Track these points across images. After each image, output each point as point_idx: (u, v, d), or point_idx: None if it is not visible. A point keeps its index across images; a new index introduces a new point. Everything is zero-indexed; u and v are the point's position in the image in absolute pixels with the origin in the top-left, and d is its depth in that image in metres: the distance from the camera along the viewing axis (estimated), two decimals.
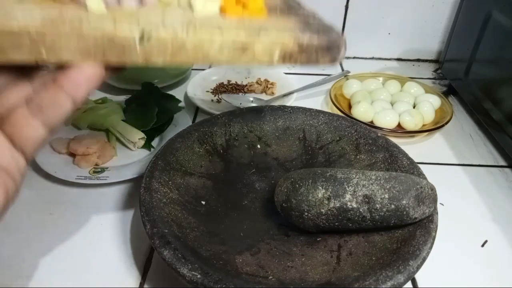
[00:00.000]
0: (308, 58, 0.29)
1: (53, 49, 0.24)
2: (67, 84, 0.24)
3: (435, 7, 0.77)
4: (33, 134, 0.24)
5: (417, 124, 0.58)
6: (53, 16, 0.25)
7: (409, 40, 0.81)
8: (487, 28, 0.59)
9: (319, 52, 0.29)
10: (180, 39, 0.26)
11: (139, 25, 0.25)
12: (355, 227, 0.36)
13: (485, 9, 0.60)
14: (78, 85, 0.24)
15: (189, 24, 0.27)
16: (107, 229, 0.43)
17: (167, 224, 0.34)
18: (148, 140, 0.54)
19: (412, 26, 0.79)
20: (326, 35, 0.29)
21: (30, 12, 0.25)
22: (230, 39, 0.27)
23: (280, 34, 0.28)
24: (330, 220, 0.35)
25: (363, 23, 0.79)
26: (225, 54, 0.28)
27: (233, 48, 0.28)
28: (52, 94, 0.24)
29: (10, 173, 0.24)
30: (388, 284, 0.29)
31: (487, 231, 0.44)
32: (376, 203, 0.34)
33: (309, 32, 0.29)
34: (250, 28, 0.28)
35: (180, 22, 0.27)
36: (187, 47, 0.26)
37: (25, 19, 0.24)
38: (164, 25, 0.26)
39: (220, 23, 0.29)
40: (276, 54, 0.28)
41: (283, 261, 0.35)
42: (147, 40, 0.25)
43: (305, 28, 0.30)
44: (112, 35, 0.25)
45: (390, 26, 0.80)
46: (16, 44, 0.23)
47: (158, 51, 0.26)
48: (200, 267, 0.30)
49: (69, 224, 0.43)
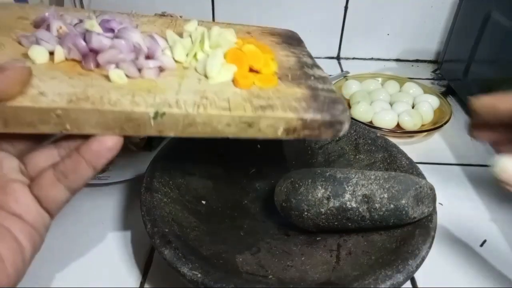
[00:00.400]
0: (311, 132, 0.31)
1: (76, 124, 0.26)
2: (88, 155, 0.27)
3: (434, 7, 0.77)
4: (58, 197, 0.27)
5: (416, 124, 0.58)
6: (77, 91, 0.27)
7: (408, 40, 0.81)
8: (486, 29, 0.60)
9: (322, 127, 0.31)
10: (191, 116, 0.28)
11: (154, 102, 0.28)
12: (354, 227, 0.36)
13: (484, 10, 0.60)
14: (98, 156, 0.27)
15: (202, 98, 0.29)
16: (107, 229, 0.43)
17: (167, 224, 0.34)
18: (149, 140, 0.54)
19: (411, 27, 0.79)
20: (330, 111, 0.31)
21: (57, 86, 0.28)
22: (237, 116, 0.29)
23: (285, 111, 0.30)
24: (329, 220, 0.36)
25: (362, 23, 0.79)
26: (233, 129, 0.29)
27: (240, 124, 0.29)
28: (75, 163, 0.27)
29: (37, 229, 0.27)
30: (388, 283, 0.29)
31: (486, 231, 0.45)
32: (375, 203, 0.34)
33: (313, 109, 0.31)
34: (257, 104, 0.30)
35: (194, 95, 0.30)
36: (197, 123, 0.29)
37: (53, 98, 0.26)
38: (177, 102, 0.28)
39: (231, 95, 0.31)
40: (280, 129, 0.30)
41: (283, 260, 0.35)
42: (160, 117, 0.27)
43: (311, 101, 0.32)
44: (129, 112, 0.27)
45: (389, 26, 0.80)
46: (44, 120, 0.26)
47: (170, 126, 0.28)
48: (200, 267, 0.30)
49: (69, 224, 0.43)
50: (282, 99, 0.31)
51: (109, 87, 0.29)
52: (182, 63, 0.34)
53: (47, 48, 0.31)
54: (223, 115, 0.29)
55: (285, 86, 0.34)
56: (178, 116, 0.28)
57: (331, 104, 0.32)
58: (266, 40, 0.43)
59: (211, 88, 0.31)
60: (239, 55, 0.35)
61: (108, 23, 0.34)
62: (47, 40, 0.31)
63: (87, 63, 0.31)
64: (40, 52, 0.30)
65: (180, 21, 0.43)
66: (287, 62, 0.38)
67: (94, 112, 0.26)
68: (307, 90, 0.33)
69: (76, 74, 0.30)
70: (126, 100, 0.27)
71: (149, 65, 0.31)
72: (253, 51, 0.36)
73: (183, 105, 0.28)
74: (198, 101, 0.29)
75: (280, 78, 0.35)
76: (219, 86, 0.32)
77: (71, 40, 0.31)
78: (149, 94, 0.29)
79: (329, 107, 0.31)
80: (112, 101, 0.27)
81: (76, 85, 0.28)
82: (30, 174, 0.28)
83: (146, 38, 0.34)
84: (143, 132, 0.28)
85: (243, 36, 0.42)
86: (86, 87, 0.28)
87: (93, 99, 0.27)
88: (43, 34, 0.31)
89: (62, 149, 0.29)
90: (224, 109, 0.29)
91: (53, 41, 0.31)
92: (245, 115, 0.29)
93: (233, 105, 0.29)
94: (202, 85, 0.32)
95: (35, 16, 0.36)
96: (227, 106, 0.29)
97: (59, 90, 0.27)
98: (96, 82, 0.29)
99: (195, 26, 0.37)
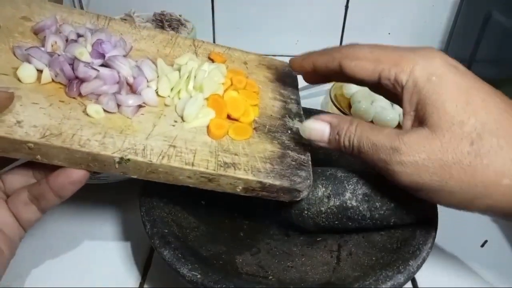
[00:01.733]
0: (269, 194, 0.32)
1: (46, 156, 0.28)
2: (55, 186, 0.29)
3: (435, 7, 0.77)
4: (31, 216, 0.31)
5: None
6: (53, 124, 0.29)
7: (409, 40, 0.81)
8: (487, 29, 0.59)
9: (280, 192, 0.32)
10: (154, 165, 0.30)
11: (122, 146, 0.29)
12: (355, 226, 0.36)
13: (485, 10, 0.60)
14: (63, 188, 0.29)
15: (170, 147, 0.31)
16: (107, 229, 0.43)
17: (167, 224, 0.34)
18: None
19: (412, 26, 0.79)
20: (291, 177, 0.32)
21: (35, 115, 0.29)
22: (199, 171, 0.30)
23: (246, 173, 0.31)
24: (330, 219, 0.35)
25: (363, 23, 0.79)
26: (193, 181, 0.31)
27: (200, 178, 0.31)
28: (44, 191, 0.29)
29: (13, 241, 0.31)
30: (388, 284, 0.29)
31: (486, 231, 0.44)
32: (376, 202, 0.34)
33: (275, 173, 0.32)
34: (222, 160, 0.32)
35: (162, 143, 0.31)
36: (159, 171, 0.30)
37: (27, 130, 0.28)
38: (144, 149, 0.30)
39: (199, 146, 0.32)
40: (239, 187, 0.32)
41: (283, 261, 0.35)
42: (125, 162, 0.29)
43: (277, 163, 0.33)
44: (96, 154, 0.29)
45: (390, 26, 0.80)
46: (17, 149, 0.28)
47: (134, 171, 0.30)
48: (200, 267, 0.30)
49: (69, 224, 0.43)
50: (249, 157, 0.33)
51: (84, 122, 0.30)
52: (164, 98, 0.35)
53: (36, 67, 0.32)
54: (184, 169, 0.30)
55: (258, 139, 0.35)
56: (141, 163, 0.29)
57: (295, 169, 0.33)
58: (260, 75, 0.43)
59: (183, 135, 0.32)
60: (219, 102, 0.36)
61: (101, 46, 0.34)
62: (38, 58, 0.32)
63: (70, 91, 0.32)
64: (28, 73, 0.32)
65: (180, 39, 0.43)
66: (271, 108, 0.39)
67: (63, 150, 0.28)
68: (278, 148, 0.35)
69: (57, 100, 0.31)
70: (96, 141, 0.29)
71: (128, 103, 0.33)
72: (234, 100, 0.37)
73: (148, 154, 0.30)
74: (165, 150, 0.30)
75: (256, 129, 0.36)
76: (191, 133, 0.33)
77: (59, 65, 0.32)
78: (120, 135, 0.30)
79: (292, 172, 0.33)
80: (82, 141, 0.29)
81: (53, 116, 0.30)
82: (7, 191, 0.31)
83: (134, 69, 0.35)
84: (108, 171, 0.30)
85: (238, 67, 0.42)
86: (62, 119, 0.30)
87: (65, 136, 0.28)
88: (35, 52, 0.32)
89: (37, 172, 0.31)
90: (187, 164, 0.30)
91: (44, 60, 0.32)
92: (206, 171, 0.30)
93: (197, 158, 0.31)
94: (175, 129, 0.33)
95: (38, 18, 0.37)
96: (191, 160, 0.31)
97: (35, 121, 0.29)
98: (73, 114, 0.31)
99: (186, 60, 0.38)
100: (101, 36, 0.35)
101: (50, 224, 0.43)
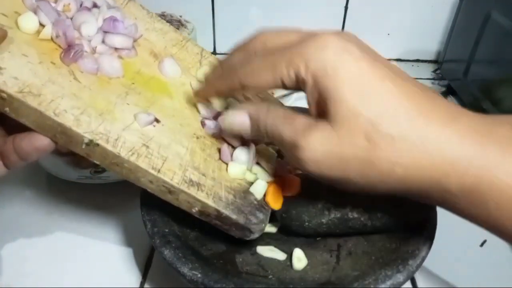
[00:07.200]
0: (222, 225, 0.31)
1: (15, 112, 0.27)
2: (18, 148, 0.28)
3: (435, 7, 0.77)
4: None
5: None
6: (35, 83, 0.27)
7: (409, 40, 0.81)
8: (486, 29, 0.60)
9: (233, 226, 0.31)
10: (121, 159, 0.28)
11: (96, 129, 0.28)
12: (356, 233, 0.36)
13: (484, 10, 0.60)
14: (27, 152, 0.28)
15: (143, 146, 0.30)
16: (108, 229, 0.43)
17: (167, 224, 0.34)
18: None
19: (411, 27, 0.79)
20: (248, 216, 0.32)
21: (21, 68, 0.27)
22: (162, 180, 0.29)
23: (207, 197, 0.30)
24: (331, 229, 0.35)
25: (362, 23, 0.79)
26: (153, 187, 0.30)
27: (161, 187, 0.30)
28: (8, 150, 0.29)
29: None
30: (388, 283, 0.29)
31: (486, 231, 0.44)
32: (377, 211, 0.34)
33: (235, 207, 0.31)
34: (189, 176, 0.30)
35: (137, 139, 0.30)
36: (123, 166, 0.29)
37: (6, 79, 0.26)
38: (117, 140, 0.28)
39: (172, 154, 0.31)
40: (196, 208, 0.31)
41: (283, 260, 0.35)
42: (93, 146, 0.28)
43: (239, 197, 0.32)
44: (67, 127, 0.27)
45: (390, 26, 0.80)
46: None
47: (98, 157, 0.28)
48: (200, 267, 0.30)
49: (70, 224, 0.43)
50: (215, 181, 0.32)
51: (68, 91, 0.29)
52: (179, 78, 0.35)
53: (40, 21, 0.30)
54: (149, 173, 0.29)
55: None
56: (109, 153, 0.28)
57: (255, 209, 0.33)
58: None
59: (160, 138, 0.31)
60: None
61: (113, 23, 0.33)
62: (46, 13, 0.30)
63: (66, 58, 0.30)
64: (30, 24, 0.30)
65: (189, 44, 0.42)
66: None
67: (36, 112, 0.26)
68: (246, 183, 0.34)
69: (48, 61, 0.29)
70: (72, 115, 0.27)
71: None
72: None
73: (119, 146, 0.28)
74: (137, 147, 0.29)
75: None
76: (169, 139, 0.32)
77: (63, 28, 0.30)
78: (98, 117, 0.29)
79: (251, 211, 0.32)
80: (58, 110, 0.27)
81: (39, 75, 0.28)
82: None
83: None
84: (72, 148, 0.28)
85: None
86: (47, 81, 0.28)
87: (42, 99, 0.27)
88: (45, 6, 0.30)
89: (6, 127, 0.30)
90: (154, 169, 0.29)
91: (51, 17, 0.31)
92: (169, 182, 0.29)
93: (165, 167, 0.30)
94: (154, 130, 0.32)
95: None
96: (159, 166, 0.29)
97: (18, 74, 0.27)
98: (59, 80, 0.29)
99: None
100: (116, 14, 0.34)
101: (50, 224, 0.43)
